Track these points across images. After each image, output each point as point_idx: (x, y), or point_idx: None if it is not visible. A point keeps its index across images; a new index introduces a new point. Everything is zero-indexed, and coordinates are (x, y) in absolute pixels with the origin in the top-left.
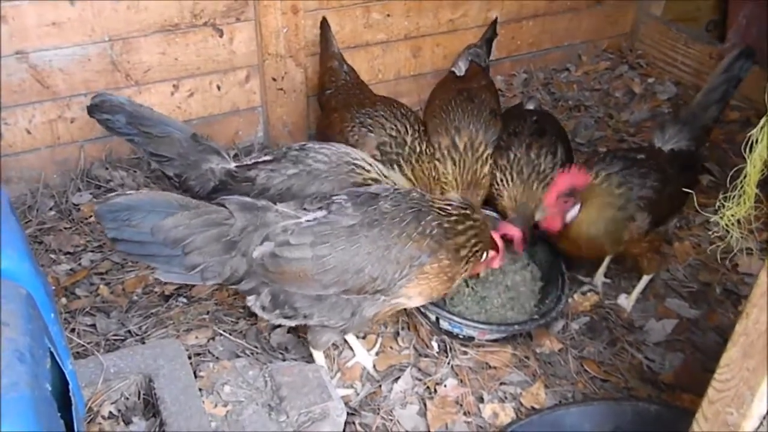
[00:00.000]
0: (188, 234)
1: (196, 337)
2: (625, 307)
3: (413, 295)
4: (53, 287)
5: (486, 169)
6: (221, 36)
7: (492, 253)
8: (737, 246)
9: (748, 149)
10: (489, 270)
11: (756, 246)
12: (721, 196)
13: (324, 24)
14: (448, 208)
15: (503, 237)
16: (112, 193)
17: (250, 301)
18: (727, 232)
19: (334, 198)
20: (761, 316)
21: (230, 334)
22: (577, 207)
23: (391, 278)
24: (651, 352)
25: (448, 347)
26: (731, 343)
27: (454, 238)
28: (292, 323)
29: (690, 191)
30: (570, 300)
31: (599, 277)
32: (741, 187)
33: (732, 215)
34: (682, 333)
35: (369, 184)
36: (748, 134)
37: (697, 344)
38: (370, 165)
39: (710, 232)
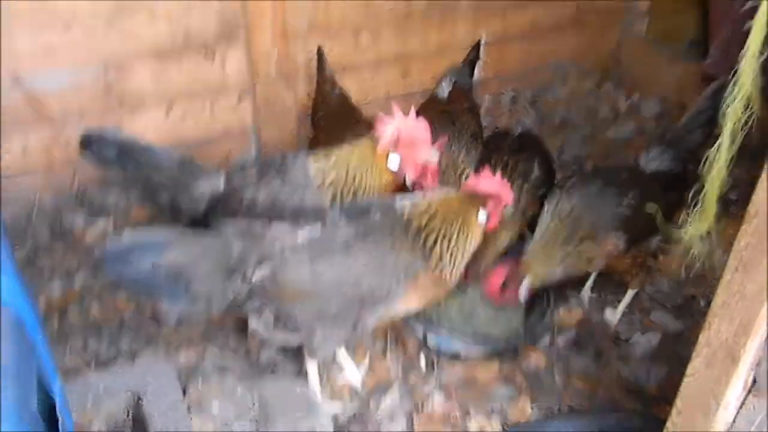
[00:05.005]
0: (188, 267)
1: (186, 356)
2: (611, 321)
3: (411, 301)
4: (46, 308)
5: None
6: (213, 60)
7: (488, 207)
8: (699, 261)
9: (706, 168)
10: (476, 284)
11: (718, 260)
12: (684, 213)
13: (319, 52)
14: (414, 214)
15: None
16: (112, 238)
17: (253, 321)
18: (690, 247)
19: (327, 214)
20: (722, 326)
21: (220, 352)
22: (525, 281)
23: (389, 287)
24: (637, 365)
25: (435, 363)
26: (695, 354)
27: (432, 245)
28: (296, 339)
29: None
30: (556, 314)
31: (586, 292)
32: (701, 205)
33: (694, 231)
34: (668, 346)
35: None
36: (706, 154)
37: (682, 357)
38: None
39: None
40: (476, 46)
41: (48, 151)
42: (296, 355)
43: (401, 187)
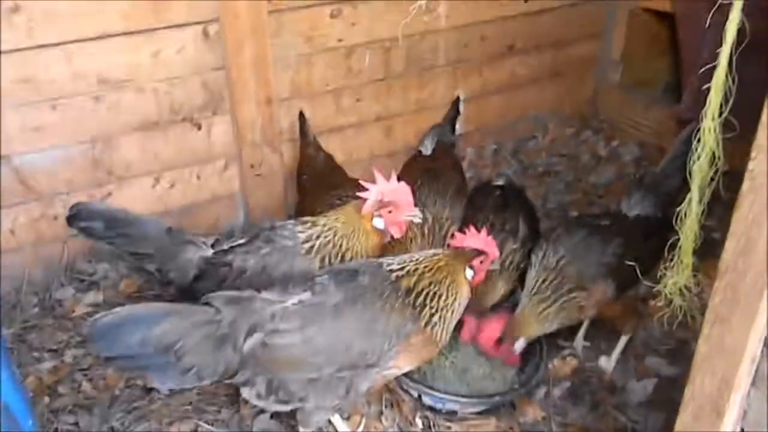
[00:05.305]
0: (178, 339)
1: (179, 430)
2: (606, 369)
3: (403, 363)
4: (36, 386)
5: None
6: (199, 129)
7: (475, 264)
8: (681, 313)
9: (679, 222)
10: (469, 342)
11: (698, 312)
12: (662, 266)
13: (301, 116)
14: (403, 275)
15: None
16: (98, 314)
17: (245, 391)
18: (671, 299)
19: (316, 278)
20: (705, 380)
21: (213, 425)
22: (521, 340)
23: (381, 350)
24: (634, 413)
25: (431, 423)
26: (683, 409)
27: (422, 305)
28: (288, 408)
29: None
30: (550, 366)
31: (579, 341)
32: (678, 257)
33: (674, 283)
34: (664, 391)
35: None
36: (677, 209)
37: (678, 402)
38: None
39: (653, 301)
40: (455, 103)
41: (36, 227)
42: (290, 421)
43: (388, 248)
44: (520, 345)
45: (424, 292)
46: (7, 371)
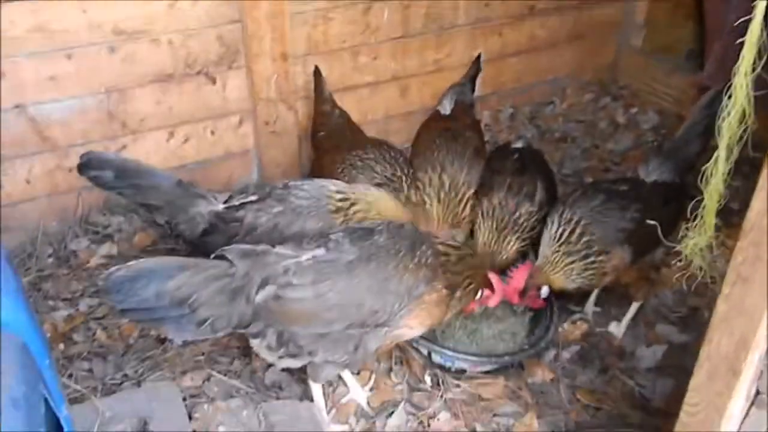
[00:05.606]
0: (193, 291)
1: (192, 379)
2: (616, 335)
3: (414, 325)
4: (51, 333)
5: (467, 211)
6: (214, 83)
7: (487, 291)
8: (701, 274)
9: (704, 182)
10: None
11: (718, 274)
12: (684, 226)
13: (316, 71)
14: (442, 246)
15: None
16: (113, 267)
17: (255, 343)
18: (691, 261)
19: (331, 235)
20: (722, 340)
21: (225, 375)
22: (545, 288)
23: (391, 309)
24: (642, 378)
25: (440, 381)
26: (697, 368)
27: (448, 274)
28: (298, 362)
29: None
30: (561, 329)
31: (590, 306)
32: (701, 218)
33: (695, 244)
34: (673, 358)
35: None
36: (703, 168)
37: (687, 369)
38: (345, 191)
39: (674, 262)
40: (476, 61)
41: (52, 178)
42: (302, 375)
43: None
44: (545, 291)
45: (466, 273)
46: (22, 307)
